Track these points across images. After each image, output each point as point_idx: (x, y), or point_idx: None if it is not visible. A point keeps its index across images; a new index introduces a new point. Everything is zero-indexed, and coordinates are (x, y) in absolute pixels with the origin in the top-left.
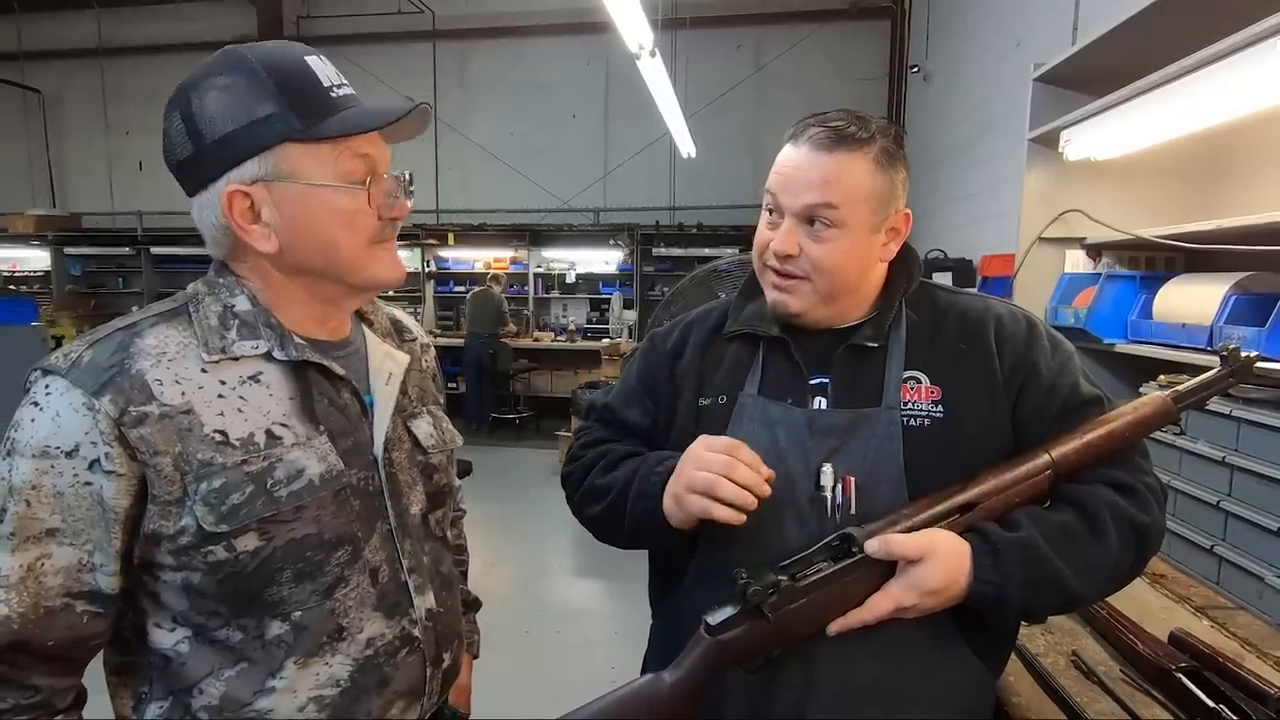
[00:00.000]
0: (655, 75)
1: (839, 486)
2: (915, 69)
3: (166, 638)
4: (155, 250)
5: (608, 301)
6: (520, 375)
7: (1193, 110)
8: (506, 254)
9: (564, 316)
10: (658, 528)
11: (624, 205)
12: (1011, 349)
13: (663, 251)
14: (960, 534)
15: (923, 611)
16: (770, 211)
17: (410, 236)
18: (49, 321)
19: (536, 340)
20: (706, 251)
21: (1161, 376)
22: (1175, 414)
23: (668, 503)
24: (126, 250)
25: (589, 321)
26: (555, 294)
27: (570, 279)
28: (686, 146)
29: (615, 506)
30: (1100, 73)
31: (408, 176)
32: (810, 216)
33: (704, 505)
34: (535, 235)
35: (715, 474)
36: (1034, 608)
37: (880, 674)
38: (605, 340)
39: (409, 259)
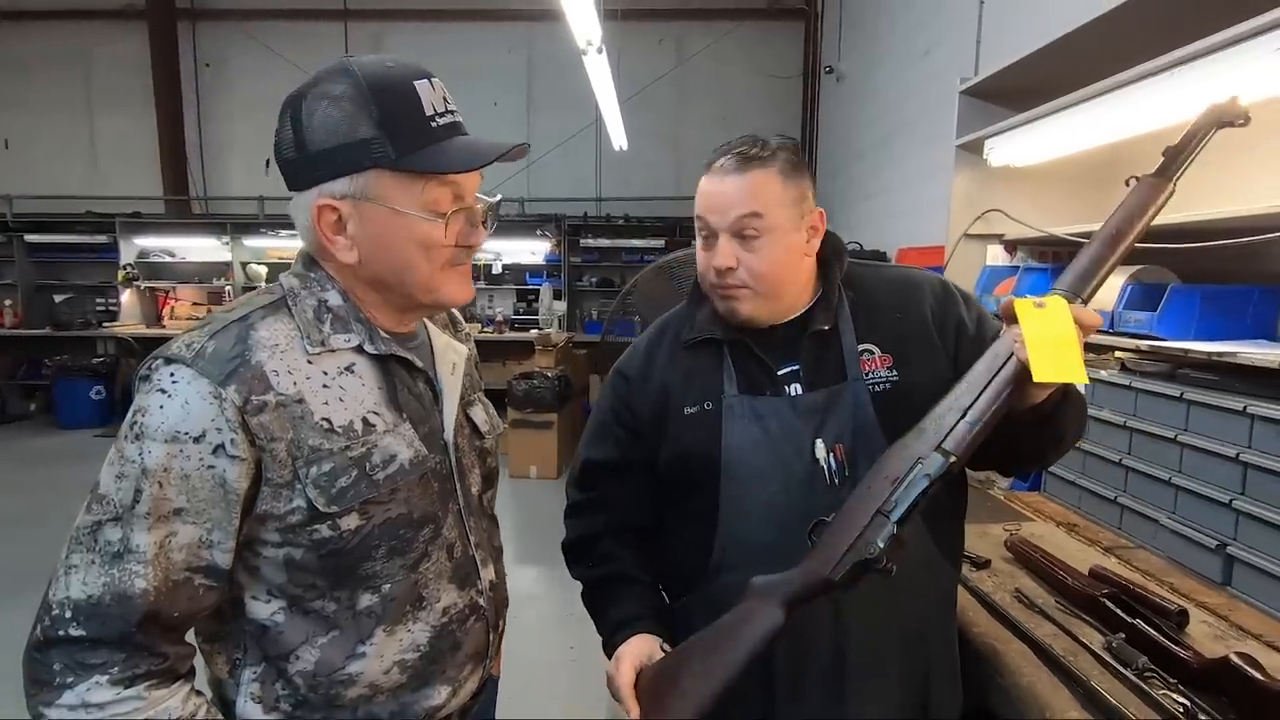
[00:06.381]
0: (598, 70)
1: (831, 456)
2: (830, 70)
3: (263, 609)
4: (30, 238)
5: (535, 292)
6: None
7: (1097, 127)
8: None
9: (490, 308)
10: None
11: (549, 196)
12: (939, 308)
13: (590, 242)
14: None
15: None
16: (705, 236)
17: None
18: None
19: None
20: (635, 242)
21: None
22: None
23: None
24: None
25: (516, 312)
26: (481, 284)
27: (496, 270)
28: (620, 139)
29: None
30: (1018, 89)
31: (495, 200)
32: (740, 229)
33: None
34: None
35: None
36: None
37: (891, 598)
38: (534, 331)
39: None
